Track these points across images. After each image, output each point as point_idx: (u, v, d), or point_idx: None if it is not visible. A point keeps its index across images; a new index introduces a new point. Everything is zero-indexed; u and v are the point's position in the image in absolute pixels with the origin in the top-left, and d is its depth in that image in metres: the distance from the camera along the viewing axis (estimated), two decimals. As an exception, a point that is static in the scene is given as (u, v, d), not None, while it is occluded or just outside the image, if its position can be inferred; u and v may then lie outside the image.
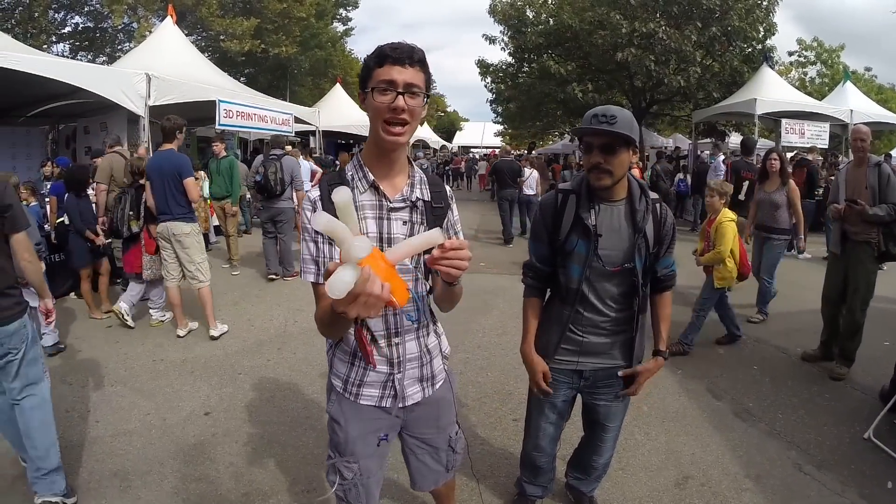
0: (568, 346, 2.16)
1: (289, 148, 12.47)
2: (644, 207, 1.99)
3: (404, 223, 1.56)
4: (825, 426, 3.50)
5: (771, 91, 12.83)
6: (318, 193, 1.54)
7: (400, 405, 1.69)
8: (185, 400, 3.89)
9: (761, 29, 14.85)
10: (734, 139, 19.18)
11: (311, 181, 9.39)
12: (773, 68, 14.77)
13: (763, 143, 18.08)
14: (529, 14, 17.24)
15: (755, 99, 12.02)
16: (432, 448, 1.85)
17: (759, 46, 15.21)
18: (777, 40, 15.96)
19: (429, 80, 1.49)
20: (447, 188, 1.72)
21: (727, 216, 4.56)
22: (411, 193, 1.57)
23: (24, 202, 5.96)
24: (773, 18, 15.12)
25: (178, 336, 5.08)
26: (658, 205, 2.05)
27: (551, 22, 16.43)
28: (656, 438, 3.34)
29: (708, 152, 13.17)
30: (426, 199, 1.60)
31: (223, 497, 2.82)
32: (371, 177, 1.53)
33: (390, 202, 1.54)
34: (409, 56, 1.42)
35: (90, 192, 6.46)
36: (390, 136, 1.44)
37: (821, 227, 8.86)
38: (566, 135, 25.83)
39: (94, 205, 5.93)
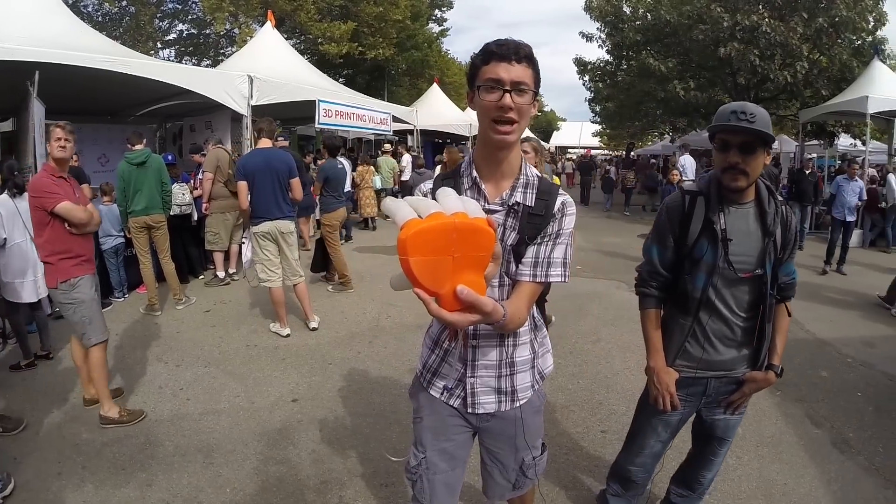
0: (686, 362, 2.05)
1: (387, 146, 13.00)
2: (774, 209, 1.91)
3: (497, 226, 1.49)
4: (927, 465, 3.09)
5: (884, 88, 11.42)
6: (431, 186, 1.57)
7: (469, 410, 1.63)
8: (274, 385, 4.01)
9: (871, 18, 13.36)
10: (843, 141, 17.62)
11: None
12: (884, 62, 13.25)
13: (875, 146, 16.44)
14: (626, 10, 16.55)
15: (867, 97, 10.78)
16: (501, 464, 1.76)
17: (870, 38, 13.75)
18: (889, 31, 14.14)
19: (537, 77, 1.43)
20: (562, 200, 1.52)
21: None
22: (510, 197, 1.50)
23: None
24: (884, 6, 13.51)
25: (279, 334, 5.01)
26: (784, 207, 1.95)
27: (649, 17, 15.69)
28: (748, 464, 3.11)
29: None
30: (528, 203, 1.50)
31: (301, 482, 2.86)
32: (475, 174, 1.52)
33: (489, 204, 1.51)
34: (516, 52, 1.37)
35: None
36: (498, 135, 1.40)
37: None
38: (666, 135, 24.83)
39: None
